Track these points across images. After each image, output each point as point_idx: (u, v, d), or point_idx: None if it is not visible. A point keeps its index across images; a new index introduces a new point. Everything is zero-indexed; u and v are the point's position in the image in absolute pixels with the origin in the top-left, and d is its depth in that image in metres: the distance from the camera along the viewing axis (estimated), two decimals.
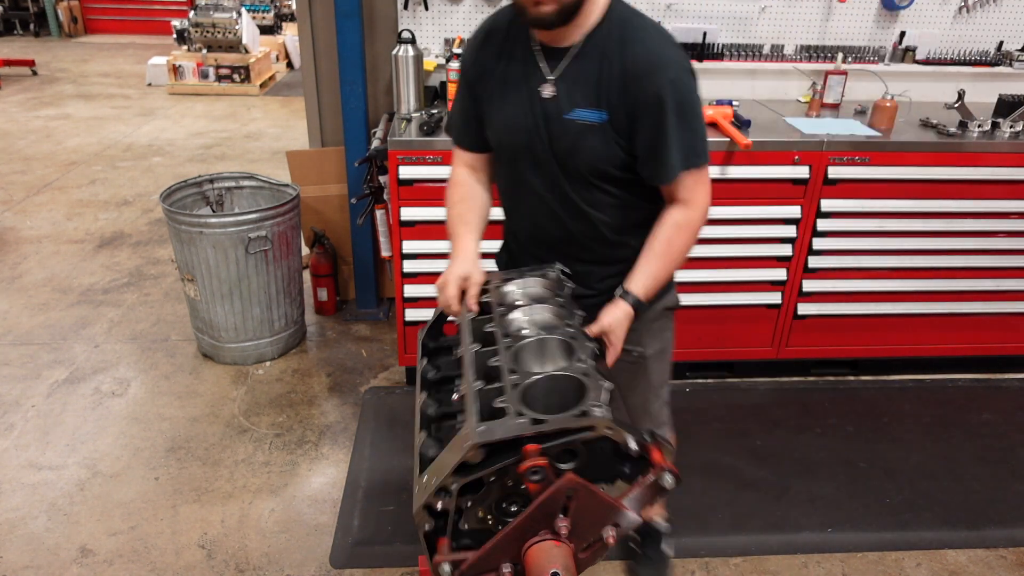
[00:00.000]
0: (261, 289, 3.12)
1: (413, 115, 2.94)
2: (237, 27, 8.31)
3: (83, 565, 2.23)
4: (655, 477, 1.22)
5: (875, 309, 3.06)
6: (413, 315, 2.90)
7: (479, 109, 1.65)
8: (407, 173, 2.68)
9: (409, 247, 2.79)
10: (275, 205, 3.05)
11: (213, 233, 2.95)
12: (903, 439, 2.88)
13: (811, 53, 3.27)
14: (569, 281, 1.60)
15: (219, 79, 8.30)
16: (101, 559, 2.25)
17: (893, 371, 3.29)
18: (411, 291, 2.86)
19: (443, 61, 3.13)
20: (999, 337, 3.20)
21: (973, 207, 2.90)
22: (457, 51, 3.00)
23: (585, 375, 1.28)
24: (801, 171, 2.77)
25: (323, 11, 3.25)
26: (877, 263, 2.97)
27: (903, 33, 3.27)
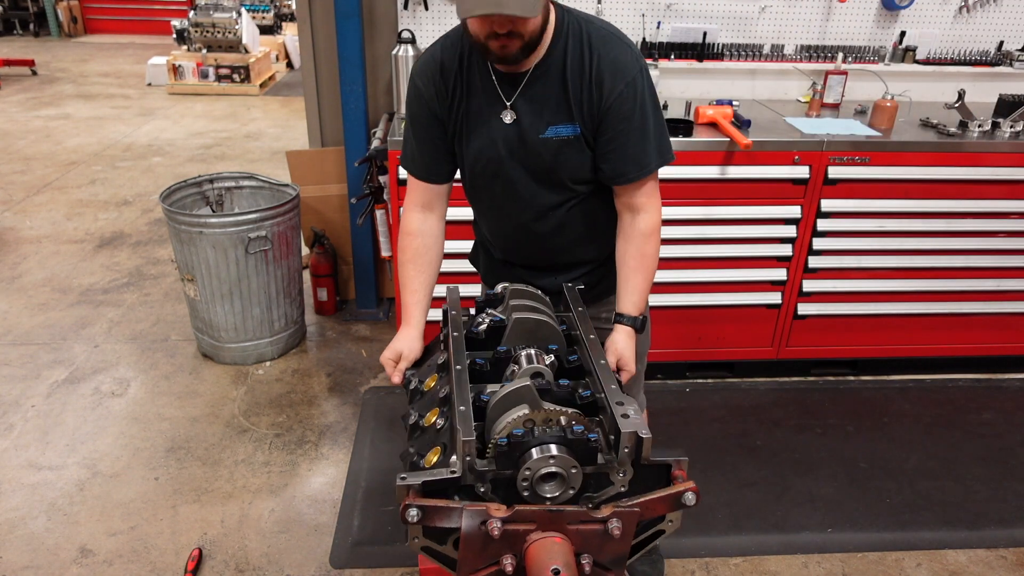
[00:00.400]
0: (261, 289, 3.12)
1: None
2: (237, 27, 8.31)
3: (83, 565, 2.23)
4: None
5: (875, 309, 3.06)
6: None
7: (447, 143, 1.64)
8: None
9: None
10: (275, 205, 3.05)
11: (213, 233, 2.95)
12: (903, 439, 2.88)
13: (811, 53, 3.27)
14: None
15: (219, 79, 8.30)
16: (101, 559, 2.25)
17: (893, 371, 3.29)
18: None
19: None
20: (999, 337, 3.20)
21: (973, 207, 2.91)
22: None
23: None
24: (801, 171, 2.77)
25: (323, 11, 3.25)
26: (877, 263, 2.97)
27: (903, 33, 3.27)
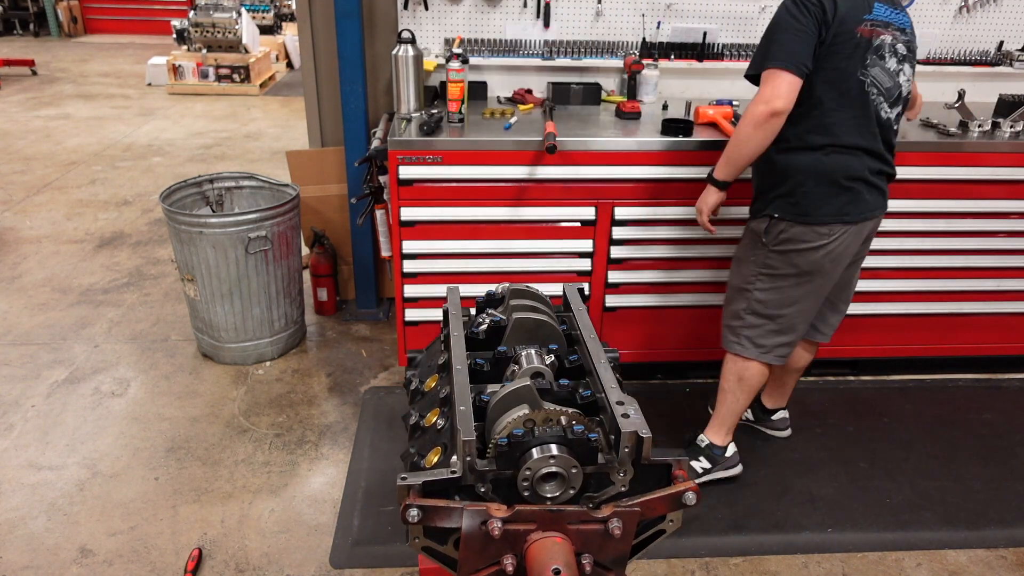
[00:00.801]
0: (261, 289, 3.12)
1: (413, 115, 2.93)
2: (237, 27, 8.31)
3: (83, 565, 2.23)
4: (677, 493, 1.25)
5: (875, 309, 3.05)
6: (413, 315, 2.90)
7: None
8: (407, 173, 2.67)
9: (409, 247, 2.78)
10: (275, 205, 3.05)
11: (213, 233, 2.95)
12: (903, 439, 2.88)
13: None
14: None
15: (219, 79, 8.30)
16: (101, 559, 2.25)
17: (893, 371, 3.29)
18: (411, 291, 2.86)
19: (443, 61, 3.11)
20: (999, 337, 3.19)
21: (973, 207, 2.90)
22: (457, 51, 2.98)
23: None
24: None
25: (323, 11, 3.25)
26: (877, 263, 2.96)
27: None
